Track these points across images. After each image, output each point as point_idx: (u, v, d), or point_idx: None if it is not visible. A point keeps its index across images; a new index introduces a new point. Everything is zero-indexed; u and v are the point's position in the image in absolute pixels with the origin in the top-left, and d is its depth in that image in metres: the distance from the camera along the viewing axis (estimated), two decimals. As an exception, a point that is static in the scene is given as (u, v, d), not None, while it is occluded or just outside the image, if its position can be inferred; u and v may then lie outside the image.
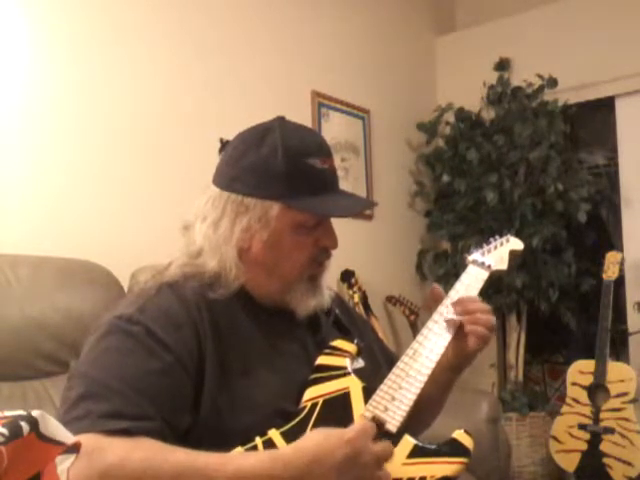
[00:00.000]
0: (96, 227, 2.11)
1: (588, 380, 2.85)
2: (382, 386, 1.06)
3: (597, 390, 2.84)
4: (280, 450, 0.95)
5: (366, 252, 3.17)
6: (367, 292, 2.97)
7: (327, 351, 1.12)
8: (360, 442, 0.92)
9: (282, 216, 1.07)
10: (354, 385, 1.07)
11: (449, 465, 0.99)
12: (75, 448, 0.66)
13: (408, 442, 1.01)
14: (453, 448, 1.01)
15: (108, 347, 1.00)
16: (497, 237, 1.26)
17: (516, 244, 1.25)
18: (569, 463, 2.84)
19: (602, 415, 2.79)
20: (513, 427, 3.00)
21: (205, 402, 1.00)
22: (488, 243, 1.25)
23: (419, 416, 1.13)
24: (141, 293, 1.09)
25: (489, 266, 1.19)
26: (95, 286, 1.79)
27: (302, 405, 1.05)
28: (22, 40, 2.00)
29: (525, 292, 3.16)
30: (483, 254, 1.22)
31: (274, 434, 0.99)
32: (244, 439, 0.98)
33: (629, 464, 2.70)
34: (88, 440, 0.85)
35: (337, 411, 1.05)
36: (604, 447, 2.75)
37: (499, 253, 1.23)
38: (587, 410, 2.83)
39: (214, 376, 1.02)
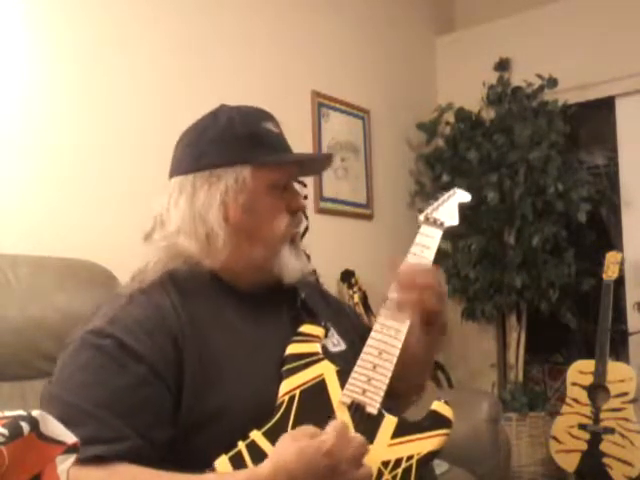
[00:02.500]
0: (96, 227, 2.11)
1: (588, 380, 2.85)
2: (356, 367, 1.04)
3: (597, 390, 2.84)
4: (258, 470, 0.91)
5: (366, 252, 3.17)
6: (367, 292, 2.96)
7: (296, 339, 1.09)
8: (338, 451, 0.89)
9: (254, 178, 1.09)
10: (328, 371, 1.05)
11: (433, 439, 0.99)
12: (75, 448, 0.66)
13: (391, 421, 1.00)
14: (435, 421, 1.01)
15: (80, 365, 0.98)
16: (444, 192, 1.24)
17: (463, 196, 1.24)
18: (569, 463, 2.84)
19: (602, 415, 2.79)
20: (513, 427, 3.00)
21: (187, 404, 0.99)
22: (436, 199, 1.22)
23: (402, 397, 1.13)
24: (113, 303, 1.07)
25: (442, 224, 1.17)
26: (95, 286, 1.78)
27: (279, 400, 1.02)
28: (22, 41, 2.00)
29: (525, 292, 3.15)
30: (433, 211, 1.19)
31: (256, 435, 0.97)
32: (232, 438, 0.96)
33: (629, 464, 2.70)
34: None
35: (315, 400, 1.02)
36: (604, 447, 2.75)
37: (448, 208, 1.21)
38: (587, 410, 2.83)
39: (195, 376, 1.00)
